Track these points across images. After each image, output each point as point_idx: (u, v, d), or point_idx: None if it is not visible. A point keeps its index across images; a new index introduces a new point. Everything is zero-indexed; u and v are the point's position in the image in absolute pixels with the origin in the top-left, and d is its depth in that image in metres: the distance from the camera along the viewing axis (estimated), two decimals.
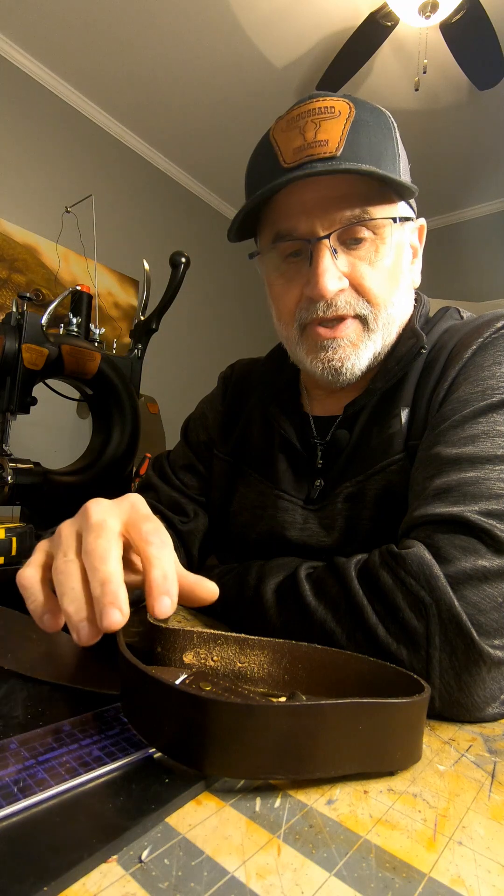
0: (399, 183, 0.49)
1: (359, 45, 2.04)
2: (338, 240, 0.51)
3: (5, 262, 2.27)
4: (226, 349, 3.40)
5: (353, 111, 0.50)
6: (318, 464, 0.59)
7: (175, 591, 0.31)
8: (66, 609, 0.30)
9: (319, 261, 0.50)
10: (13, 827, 0.22)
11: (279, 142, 0.52)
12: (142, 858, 0.21)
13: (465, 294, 3.31)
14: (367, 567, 0.41)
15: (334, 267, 0.51)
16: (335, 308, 0.52)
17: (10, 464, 0.89)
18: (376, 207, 0.51)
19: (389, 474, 0.53)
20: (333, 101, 0.50)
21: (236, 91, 2.53)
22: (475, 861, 0.22)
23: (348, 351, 0.53)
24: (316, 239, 0.51)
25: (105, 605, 0.29)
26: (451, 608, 0.35)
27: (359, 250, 0.52)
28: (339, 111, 0.50)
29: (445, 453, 0.45)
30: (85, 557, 0.31)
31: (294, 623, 0.42)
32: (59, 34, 2.25)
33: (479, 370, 0.49)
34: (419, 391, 0.54)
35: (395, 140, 0.53)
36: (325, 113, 0.50)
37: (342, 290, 0.51)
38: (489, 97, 2.43)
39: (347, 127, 0.49)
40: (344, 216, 0.50)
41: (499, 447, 0.43)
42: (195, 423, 0.75)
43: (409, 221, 0.55)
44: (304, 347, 0.55)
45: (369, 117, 0.51)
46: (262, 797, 0.26)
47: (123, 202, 2.83)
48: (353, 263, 0.52)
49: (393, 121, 0.54)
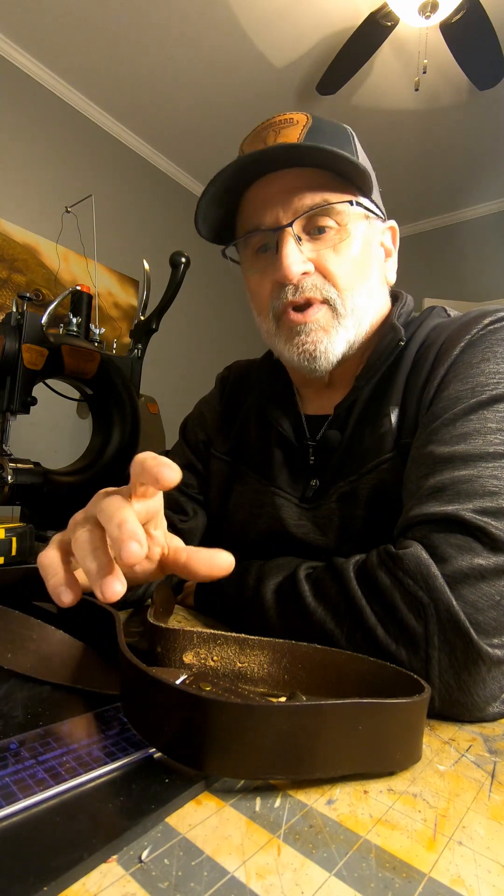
0: (358, 167, 0.50)
1: (359, 45, 2.04)
2: (302, 229, 0.54)
3: (5, 262, 2.27)
4: (225, 349, 3.40)
5: (311, 121, 0.54)
6: (311, 460, 0.59)
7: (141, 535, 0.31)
8: (89, 568, 0.32)
9: (283, 246, 0.52)
10: (13, 827, 0.22)
11: (245, 151, 0.55)
12: (142, 858, 0.21)
13: (465, 294, 3.32)
14: (366, 568, 0.41)
15: (297, 251, 0.52)
16: (302, 290, 0.53)
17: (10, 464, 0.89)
18: (337, 195, 0.53)
19: (381, 473, 0.53)
20: (293, 115, 0.54)
21: (236, 91, 2.54)
22: (475, 861, 0.22)
23: (320, 335, 0.54)
24: (279, 227, 0.53)
25: (123, 540, 0.30)
26: (450, 608, 0.35)
27: (323, 239, 0.54)
28: (297, 121, 0.54)
29: (438, 452, 0.45)
30: (99, 515, 0.33)
31: (293, 623, 0.42)
32: (59, 34, 2.25)
33: (468, 367, 0.49)
34: (408, 390, 0.54)
35: (354, 145, 0.55)
36: (284, 124, 0.54)
37: (307, 272, 0.53)
38: (489, 97, 2.43)
39: (305, 130, 0.53)
40: (304, 204, 0.52)
41: (490, 444, 0.43)
42: (193, 423, 0.75)
43: (377, 220, 0.57)
44: (281, 337, 0.56)
45: (327, 127, 0.54)
46: (262, 797, 0.26)
47: (123, 202, 2.83)
48: (317, 250, 0.54)
49: (353, 133, 0.57)
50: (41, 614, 0.43)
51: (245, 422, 0.68)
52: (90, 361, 0.99)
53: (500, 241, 3.31)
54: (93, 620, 0.41)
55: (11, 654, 0.37)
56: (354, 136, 0.57)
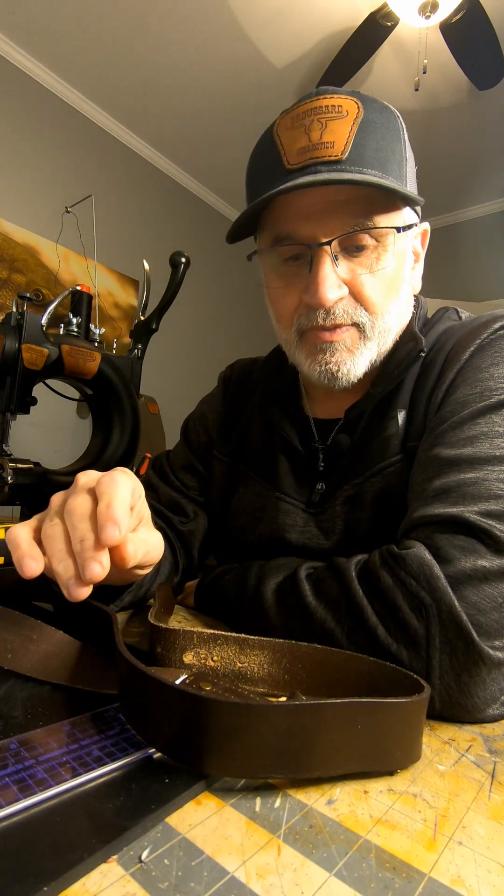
0: (404, 194, 0.48)
1: (359, 45, 2.04)
2: (339, 246, 0.50)
3: (5, 262, 2.27)
4: (225, 349, 3.40)
5: (362, 111, 0.48)
6: (320, 467, 0.59)
7: (123, 519, 0.33)
8: (56, 569, 0.33)
9: (319, 268, 0.49)
10: (13, 827, 0.22)
11: (283, 140, 0.50)
12: (142, 858, 0.21)
13: (465, 294, 3.31)
14: (368, 567, 0.41)
15: (334, 275, 0.50)
16: (333, 317, 0.51)
17: (10, 464, 0.89)
18: (381, 216, 0.49)
19: (387, 476, 0.53)
20: (341, 100, 0.49)
21: (236, 91, 2.53)
22: (475, 861, 0.22)
23: (345, 356, 0.52)
24: (317, 245, 0.49)
25: (85, 559, 0.31)
26: (452, 609, 0.35)
27: (360, 257, 0.51)
28: (346, 111, 0.48)
29: (445, 454, 0.45)
30: (66, 517, 0.34)
31: (294, 623, 0.42)
32: (59, 34, 2.25)
33: (478, 371, 0.49)
34: (417, 393, 0.54)
35: (402, 142, 0.51)
36: (331, 112, 0.48)
37: (341, 298, 0.51)
38: (489, 97, 2.43)
39: (355, 128, 0.48)
40: (347, 223, 0.49)
41: (497, 448, 0.43)
42: (195, 423, 0.74)
43: (416, 227, 0.54)
44: (302, 351, 0.54)
45: (377, 118, 0.50)
46: (262, 797, 0.26)
47: (123, 202, 2.83)
48: (353, 270, 0.51)
49: (401, 121, 0.53)
50: (41, 614, 0.43)
51: (248, 423, 0.68)
52: (90, 361, 0.99)
53: (501, 241, 3.30)
54: (92, 620, 0.41)
55: (11, 654, 0.37)
56: (403, 127, 0.52)
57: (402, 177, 0.50)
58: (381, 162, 0.49)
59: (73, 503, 0.35)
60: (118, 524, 0.32)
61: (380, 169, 0.48)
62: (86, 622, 0.41)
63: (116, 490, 0.34)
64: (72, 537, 0.33)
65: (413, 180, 0.54)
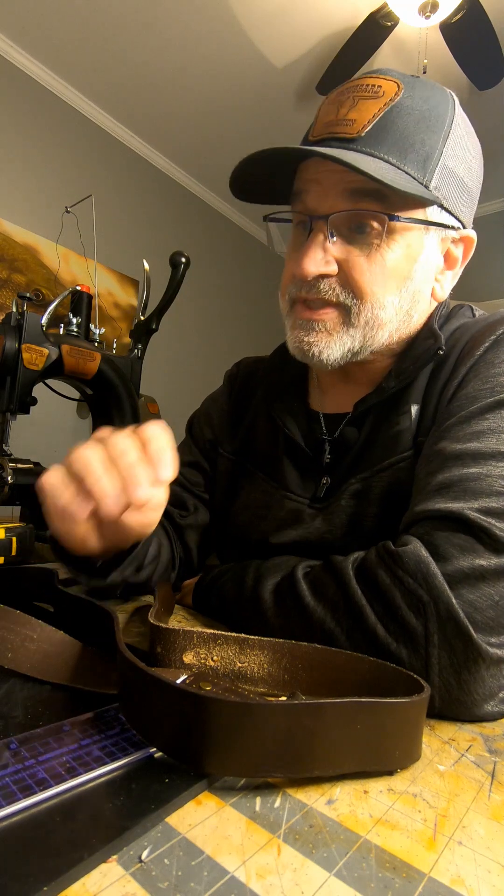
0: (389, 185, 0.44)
1: (359, 45, 2.04)
2: (341, 222, 0.49)
3: (5, 262, 2.27)
4: (226, 349, 3.40)
5: (401, 93, 0.47)
6: (326, 460, 0.58)
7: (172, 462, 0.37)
8: (93, 488, 0.36)
9: (310, 240, 0.49)
10: (13, 827, 0.22)
11: (320, 113, 0.51)
12: (142, 858, 0.21)
13: (466, 294, 3.31)
14: (365, 566, 0.41)
15: (321, 250, 0.49)
16: (317, 291, 0.50)
17: (10, 464, 0.89)
18: (397, 203, 0.47)
19: (398, 471, 0.52)
20: (384, 80, 0.48)
21: (236, 91, 2.53)
22: (475, 861, 0.22)
23: (322, 337, 0.51)
24: (315, 217, 0.49)
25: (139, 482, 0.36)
26: (449, 606, 0.35)
27: (361, 240, 0.49)
28: (383, 91, 0.47)
29: (450, 449, 0.44)
30: (107, 446, 0.38)
31: (293, 623, 0.42)
32: (59, 34, 2.25)
33: (490, 367, 0.48)
34: (430, 388, 0.53)
35: (443, 134, 0.48)
36: (368, 91, 0.47)
37: (327, 274, 0.49)
38: (489, 97, 2.43)
39: (384, 109, 0.46)
40: (349, 201, 0.48)
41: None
42: (200, 420, 0.74)
43: (443, 229, 0.51)
44: (289, 321, 0.54)
45: (420, 104, 0.47)
46: (262, 797, 0.26)
47: (123, 202, 2.83)
48: (348, 251, 0.49)
49: (455, 112, 0.50)
50: (41, 614, 0.43)
51: (253, 420, 0.67)
52: (90, 361, 0.99)
53: (502, 241, 3.31)
54: (93, 620, 0.41)
55: (11, 654, 0.37)
56: (453, 118, 0.49)
57: (425, 169, 0.48)
58: (402, 149, 0.47)
59: (122, 442, 0.37)
60: (171, 466, 0.36)
61: (398, 156, 0.47)
62: (87, 622, 0.41)
63: (165, 436, 0.38)
64: (123, 465, 0.36)
65: (449, 178, 0.50)
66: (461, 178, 0.51)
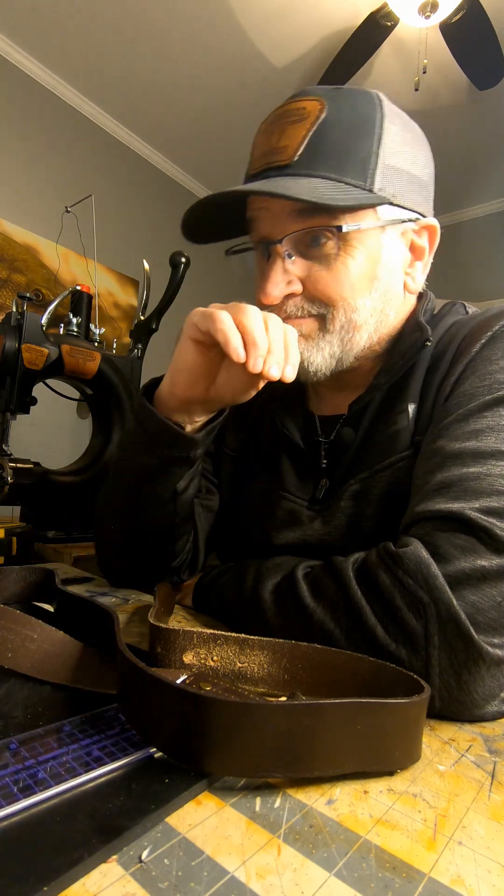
0: (324, 204, 0.45)
1: (359, 45, 2.04)
2: (295, 243, 0.50)
3: (5, 262, 2.27)
4: None
5: (325, 110, 0.48)
6: (323, 463, 0.58)
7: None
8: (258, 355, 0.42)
9: (269, 265, 0.51)
10: (13, 827, 0.22)
11: (255, 145, 0.53)
12: (142, 858, 0.21)
13: (466, 294, 3.30)
14: (365, 566, 0.40)
15: (282, 272, 0.50)
16: (285, 313, 0.51)
17: (10, 464, 0.89)
18: (343, 214, 0.48)
19: (397, 472, 0.52)
20: (307, 102, 0.49)
21: (236, 91, 2.53)
22: (475, 861, 0.22)
23: (299, 342, 0.51)
24: (269, 243, 0.51)
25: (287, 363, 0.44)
26: (450, 607, 0.35)
27: (317, 254, 0.50)
28: (307, 113, 0.49)
29: (448, 447, 0.44)
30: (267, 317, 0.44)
31: (292, 624, 0.42)
32: (58, 34, 2.25)
33: (487, 364, 0.48)
34: (426, 386, 0.53)
35: (374, 136, 0.49)
36: (293, 116, 0.49)
37: (291, 294, 0.51)
38: (489, 97, 2.43)
39: (311, 130, 0.48)
40: (298, 221, 0.49)
41: (503, 442, 0.43)
42: None
43: (401, 224, 0.52)
44: None
45: (345, 115, 0.49)
46: (262, 797, 0.26)
47: (123, 202, 2.83)
48: (309, 267, 0.51)
49: (383, 112, 0.50)
50: (41, 614, 0.43)
51: (257, 420, 0.67)
52: (90, 361, 0.99)
53: (501, 241, 3.30)
54: (93, 620, 0.41)
55: (11, 654, 0.37)
56: (381, 119, 0.50)
57: (365, 173, 0.48)
58: (338, 161, 0.48)
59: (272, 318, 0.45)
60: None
61: (336, 169, 0.48)
62: (87, 622, 0.41)
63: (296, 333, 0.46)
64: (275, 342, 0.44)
65: (393, 174, 0.50)
66: (406, 171, 0.52)
